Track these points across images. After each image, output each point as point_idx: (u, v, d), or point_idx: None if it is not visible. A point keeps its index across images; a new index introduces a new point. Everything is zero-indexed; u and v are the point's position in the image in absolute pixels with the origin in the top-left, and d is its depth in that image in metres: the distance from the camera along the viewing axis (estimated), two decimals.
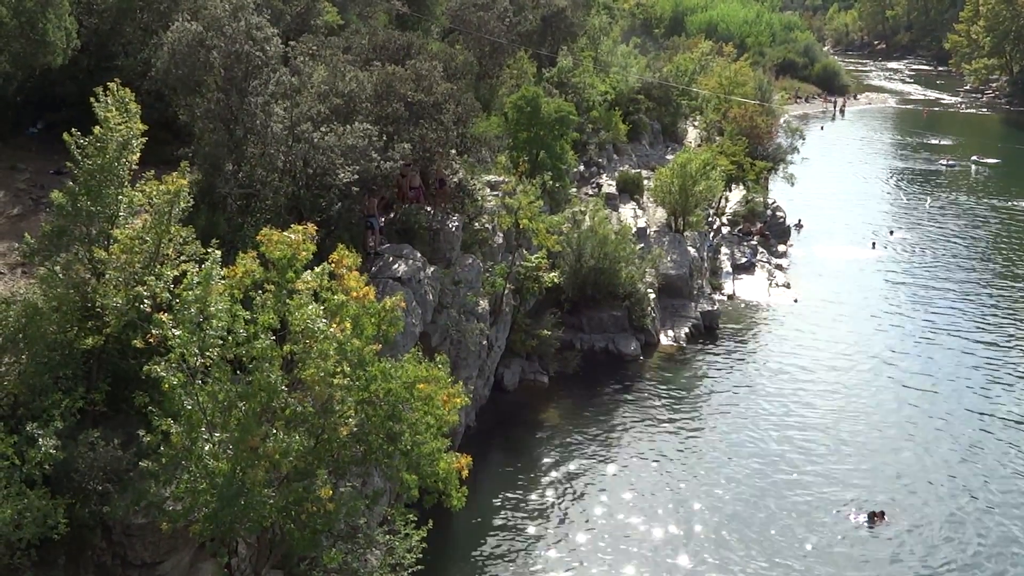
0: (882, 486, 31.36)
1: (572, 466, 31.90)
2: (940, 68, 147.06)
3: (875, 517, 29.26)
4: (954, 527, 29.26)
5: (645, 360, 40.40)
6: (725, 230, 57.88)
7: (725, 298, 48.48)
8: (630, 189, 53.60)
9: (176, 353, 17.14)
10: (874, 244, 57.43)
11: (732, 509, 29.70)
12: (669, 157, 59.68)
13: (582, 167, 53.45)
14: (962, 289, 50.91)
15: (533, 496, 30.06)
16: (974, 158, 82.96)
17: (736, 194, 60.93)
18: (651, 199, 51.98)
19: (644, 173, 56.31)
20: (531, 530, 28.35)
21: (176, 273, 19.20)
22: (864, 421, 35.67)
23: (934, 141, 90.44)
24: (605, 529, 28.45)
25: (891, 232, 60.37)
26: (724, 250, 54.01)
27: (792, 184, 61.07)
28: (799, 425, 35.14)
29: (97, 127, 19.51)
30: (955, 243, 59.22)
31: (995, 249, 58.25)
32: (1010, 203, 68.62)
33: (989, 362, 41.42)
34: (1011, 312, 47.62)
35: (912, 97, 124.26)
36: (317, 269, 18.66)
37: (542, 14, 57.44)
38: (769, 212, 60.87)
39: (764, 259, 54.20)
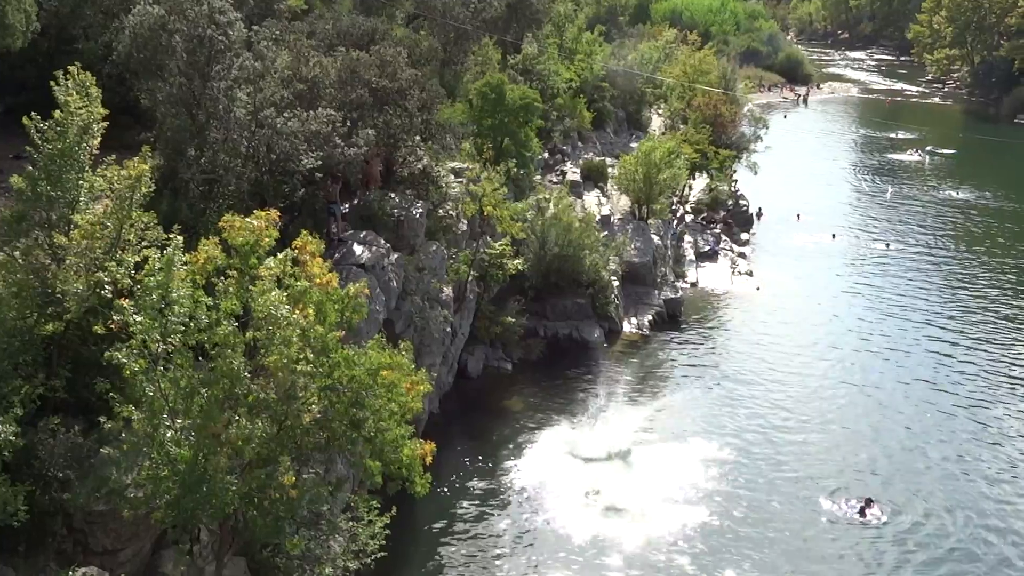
0: (856, 472, 31.62)
1: (535, 452, 32.03)
2: (902, 58, 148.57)
3: (866, 505, 29.09)
4: (937, 511, 29.47)
5: (608, 347, 40.62)
6: (689, 218, 58.20)
7: (688, 286, 48.84)
8: (594, 177, 53.71)
9: (138, 339, 17.05)
10: (834, 234, 57.90)
11: (696, 494, 29.88)
12: (633, 145, 59.90)
13: (546, 154, 53.51)
14: (920, 274, 51.73)
15: (496, 482, 30.18)
16: (929, 148, 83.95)
17: (700, 182, 61.26)
18: (615, 187, 52.14)
19: (608, 161, 56.45)
20: (494, 516, 28.47)
21: (138, 259, 19.09)
22: (826, 405, 36.07)
23: (897, 133, 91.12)
24: (568, 515, 28.57)
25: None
26: (688, 238, 54.36)
27: (755, 172, 61.49)
28: (761, 411, 35.48)
29: (57, 111, 19.34)
30: (913, 230, 60.00)
31: (951, 236, 59.00)
32: (963, 193, 69.60)
33: (950, 343, 42.14)
34: (968, 293, 48.35)
35: (875, 87, 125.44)
36: (280, 255, 18.62)
37: (507, 1, 57.31)
38: (732, 201, 61.27)
39: (727, 247, 54.60)
